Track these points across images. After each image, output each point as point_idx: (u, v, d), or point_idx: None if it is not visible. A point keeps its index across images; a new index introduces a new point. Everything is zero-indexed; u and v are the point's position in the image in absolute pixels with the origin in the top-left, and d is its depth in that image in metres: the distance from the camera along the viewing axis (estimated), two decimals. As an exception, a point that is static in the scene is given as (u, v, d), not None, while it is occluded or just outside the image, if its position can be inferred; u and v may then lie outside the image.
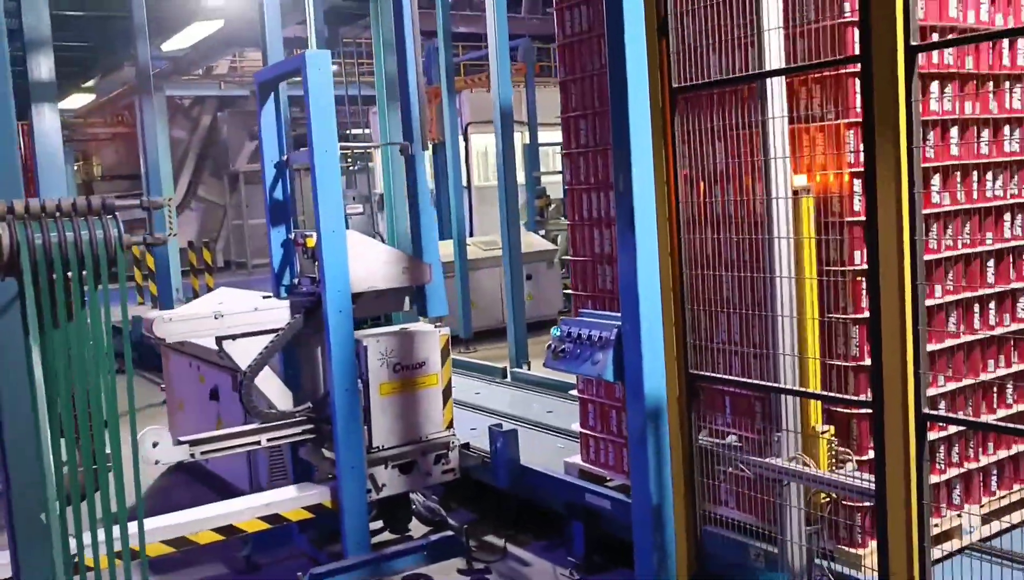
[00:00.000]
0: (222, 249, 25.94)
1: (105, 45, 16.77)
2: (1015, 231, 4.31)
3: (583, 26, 5.16)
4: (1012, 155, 4.30)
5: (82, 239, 2.82)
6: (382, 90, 11.93)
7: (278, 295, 5.67)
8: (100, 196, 3.00)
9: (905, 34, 2.94)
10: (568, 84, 5.26)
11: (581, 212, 5.28)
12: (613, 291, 5.03)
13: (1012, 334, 4.25)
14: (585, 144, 5.23)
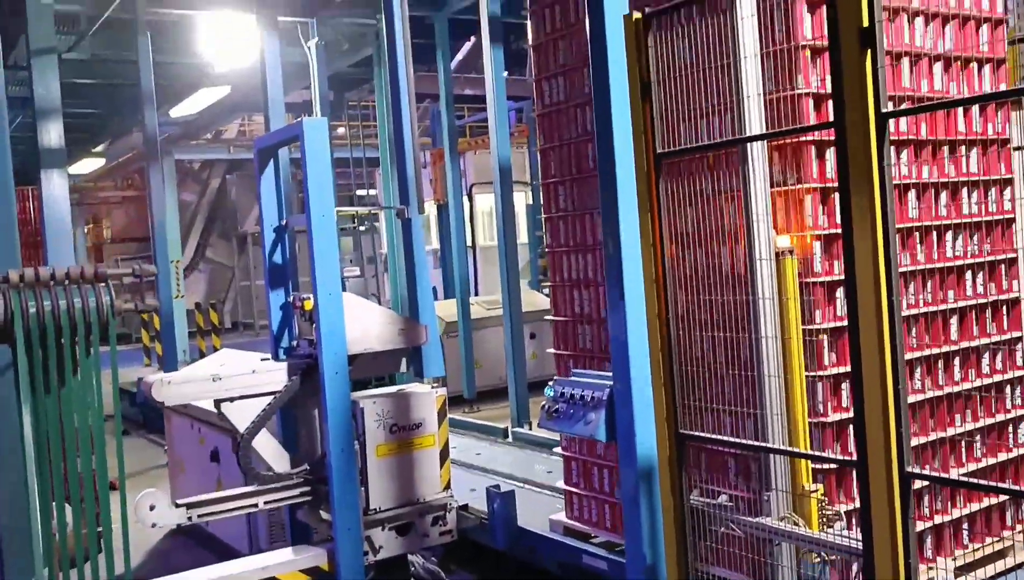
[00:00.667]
0: (229, 310, 26.08)
1: (114, 111, 17.11)
2: (976, 289, 4.42)
3: (560, 97, 5.40)
4: (971, 216, 4.43)
5: (75, 307, 2.90)
6: (386, 153, 12.19)
7: (276, 357, 5.73)
8: (93, 264, 3.08)
9: (876, 102, 3.03)
10: (547, 152, 5.48)
11: (561, 273, 5.46)
12: (594, 350, 5.15)
13: (977, 390, 4.34)
14: (564, 208, 5.42)
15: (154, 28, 11.16)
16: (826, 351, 3.90)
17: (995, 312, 4.58)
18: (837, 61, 3.13)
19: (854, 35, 3.09)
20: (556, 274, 5.50)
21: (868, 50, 3.06)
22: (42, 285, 2.84)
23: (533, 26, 5.63)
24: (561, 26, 5.40)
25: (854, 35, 3.09)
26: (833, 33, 3.14)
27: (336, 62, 12.91)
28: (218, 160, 25.23)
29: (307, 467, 5.36)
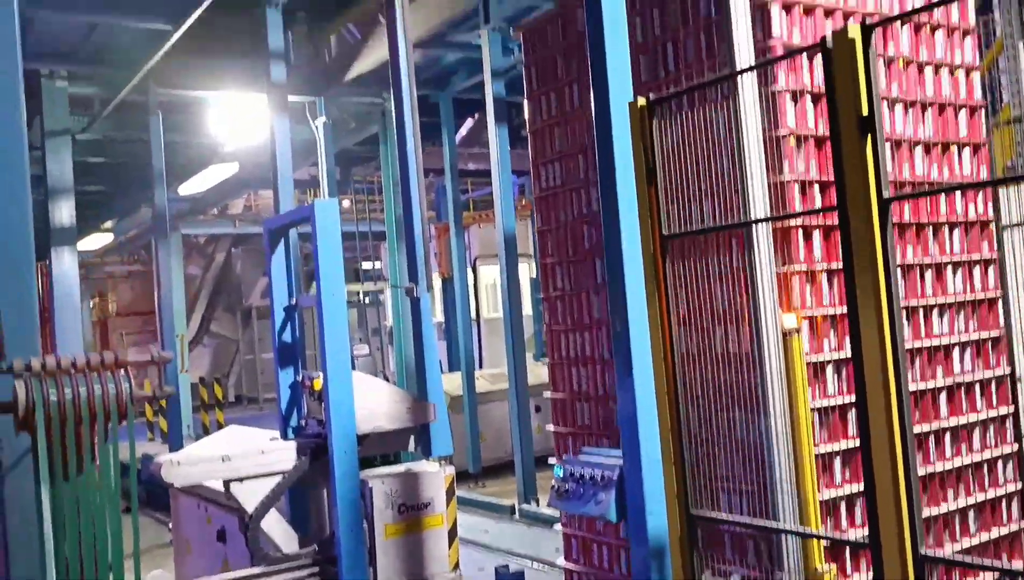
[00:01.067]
0: (233, 384, 26.04)
1: (124, 188, 17.35)
2: (964, 366, 4.50)
3: (556, 181, 5.59)
4: (956, 295, 4.54)
5: (95, 394, 2.94)
6: (392, 228, 12.33)
7: (285, 436, 5.74)
8: (113, 352, 3.13)
9: (878, 187, 3.11)
10: (545, 233, 5.63)
11: (560, 351, 5.57)
12: (592, 427, 5.22)
13: (968, 466, 4.38)
14: (562, 288, 5.56)
15: (165, 108, 11.40)
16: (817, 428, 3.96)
17: (983, 389, 4.68)
18: (838, 148, 3.22)
19: (854, 123, 3.18)
20: (554, 352, 5.63)
21: (868, 137, 3.15)
22: (63, 373, 2.90)
23: (530, 112, 5.83)
24: (557, 113, 5.61)
25: (854, 123, 3.18)
26: (833, 121, 3.23)
27: (343, 140, 13.15)
28: (224, 234, 25.47)
29: (315, 547, 5.33)
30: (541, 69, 5.75)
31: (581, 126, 5.38)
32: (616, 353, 4.27)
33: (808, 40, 4.43)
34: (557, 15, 5.61)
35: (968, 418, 4.54)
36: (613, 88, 4.22)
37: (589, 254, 5.32)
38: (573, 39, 5.42)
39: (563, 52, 5.55)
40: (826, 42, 3.26)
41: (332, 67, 11.12)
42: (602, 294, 5.24)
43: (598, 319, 5.28)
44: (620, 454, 4.37)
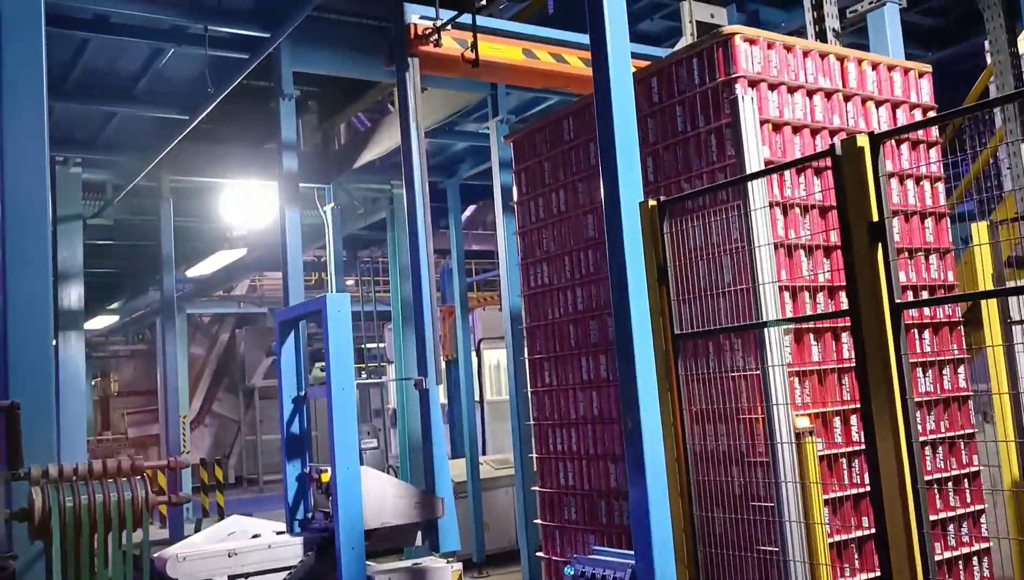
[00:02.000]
0: (234, 465, 25.79)
1: (132, 271, 17.47)
2: (937, 464, 4.63)
3: (544, 281, 5.83)
4: (928, 394, 4.76)
5: (111, 501, 2.94)
6: (397, 309, 12.36)
7: (291, 530, 5.68)
8: (129, 457, 3.13)
9: (889, 293, 3.15)
10: (533, 330, 5.83)
11: (547, 445, 5.70)
12: (578, 521, 5.35)
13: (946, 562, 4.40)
14: (549, 383, 5.71)
15: (176, 194, 11.57)
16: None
17: (956, 485, 4.75)
18: (849, 253, 3.27)
19: (864, 229, 3.23)
20: (541, 446, 5.80)
21: (879, 244, 3.20)
22: (80, 479, 2.90)
23: (519, 216, 6.04)
24: (545, 217, 5.81)
25: (864, 229, 3.23)
26: (844, 227, 3.29)
27: (350, 224, 13.29)
28: (228, 314, 25.53)
29: (318, 646, 5.23)
30: (529, 175, 6.03)
31: (567, 229, 5.63)
32: (628, 451, 4.25)
33: (778, 156, 4.63)
34: (544, 125, 5.90)
35: (940, 515, 4.67)
36: (624, 189, 4.28)
37: (575, 351, 5.46)
38: (559, 147, 5.71)
39: (549, 160, 5.81)
40: (835, 149, 3.33)
41: (341, 154, 11.32)
42: (587, 391, 5.37)
43: (583, 415, 5.39)
44: (632, 554, 4.31)
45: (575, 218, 5.61)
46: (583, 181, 5.58)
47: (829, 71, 4.91)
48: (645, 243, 4.04)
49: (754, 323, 3.82)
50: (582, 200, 5.58)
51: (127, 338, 28.63)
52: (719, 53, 4.63)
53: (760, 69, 4.65)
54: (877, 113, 5.11)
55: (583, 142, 5.59)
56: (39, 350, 3.39)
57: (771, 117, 4.63)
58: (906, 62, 5.38)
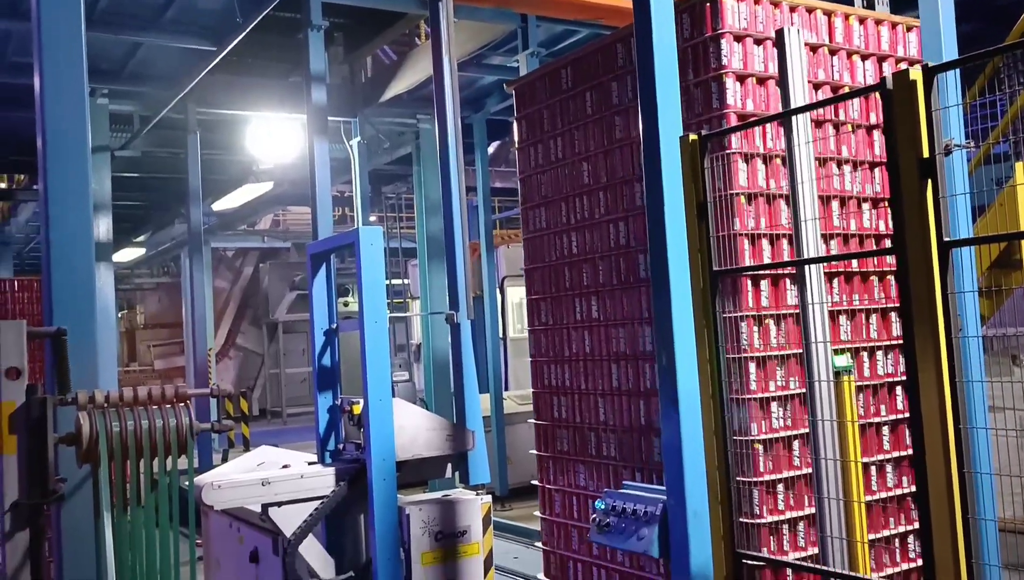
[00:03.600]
0: (258, 397, 26.15)
1: (159, 204, 17.52)
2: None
3: (542, 225, 5.95)
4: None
5: (156, 427, 2.97)
6: (423, 246, 12.37)
7: (323, 461, 5.75)
8: (174, 385, 3.16)
9: (938, 231, 3.09)
10: (531, 271, 6.06)
11: (542, 381, 5.93)
12: (570, 452, 5.65)
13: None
14: (545, 322, 5.90)
15: (203, 126, 11.53)
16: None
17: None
18: (897, 190, 3.20)
19: (914, 165, 3.17)
20: (538, 381, 5.97)
21: (929, 180, 3.13)
22: (126, 405, 2.93)
23: (520, 162, 6.11)
24: (544, 162, 5.90)
25: (914, 165, 3.17)
26: (893, 163, 3.22)
27: (375, 159, 13.23)
28: (252, 249, 25.66)
29: (352, 574, 5.33)
30: (530, 123, 6.11)
31: (565, 176, 5.75)
32: (662, 387, 4.25)
33: (762, 108, 4.70)
34: (545, 74, 5.93)
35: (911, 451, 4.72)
36: (663, 123, 4.21)
37: (569, 293, 5.71)
38: (558, 96, 5.80)
39: (549, 108, 5.88)
40: (886, 83, 3.24)
41: (367, 88, 11.21)
42: (580, 330, 5.52)
43: (576, 353, 5.53)
44: (663, 489, 4.34)
45: (572, 165, 5.68)
46: (579, 129, 5.63)
47: (816, 26, 4.94)
48: (685, 178, 3.98)
49: (794, 261, 3.77)
50: (578, 148, 5.64)
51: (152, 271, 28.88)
52: (707, 9, 4.71)
53: (746, 25, 4.75)
54: (863, 67, 5.06)
55: (581, 91, 5.64)
56: (82, 278, 3.41)
57: (756, 72, 4.72)
58: (894, 16, 5.32)
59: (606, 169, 5.38)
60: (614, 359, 5.28)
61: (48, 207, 3.49)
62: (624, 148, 5.24)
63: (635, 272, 5.11)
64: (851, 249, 4.66)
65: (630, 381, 5.15)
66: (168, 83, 9.94)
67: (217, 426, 3.36)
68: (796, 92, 3.79)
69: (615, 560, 5.13)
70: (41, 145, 3.68)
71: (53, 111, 3.65)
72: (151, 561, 3.01)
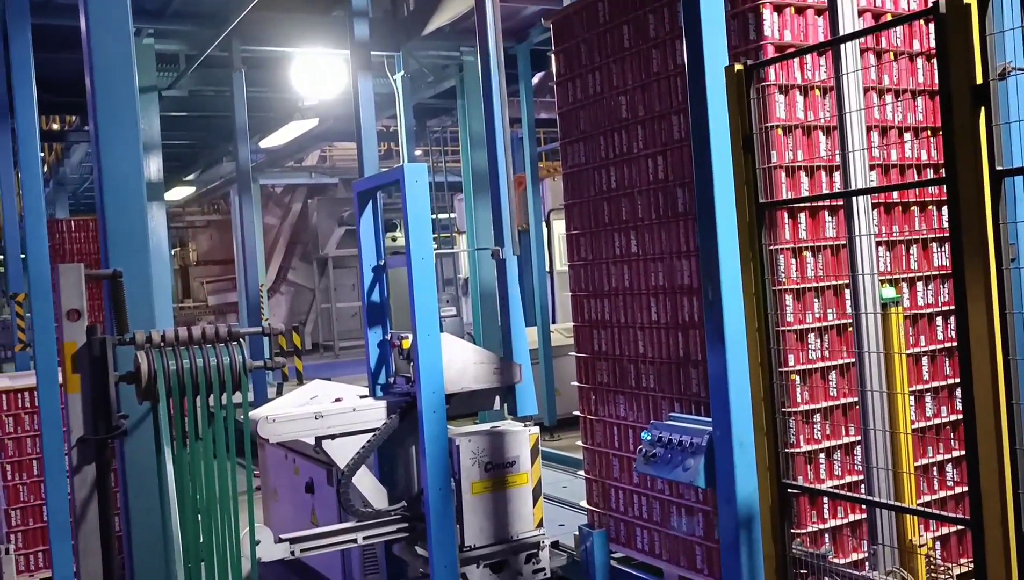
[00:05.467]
0: (310, 332, 26.62)
1: (207, 142, 17.70)
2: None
3: (581, 159, 5.87)
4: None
5: (211, 365, 3.07)
6: (468, 180, 12.37)
7: (374, 394, 5.88)
8: (227, 325, 3.25)
9: (990, 160, 3.02)
10: (571, 207, 6.02)
11: (583, 315, 5.89)
12: (609, 384, 5.66)
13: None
14: (584, 257, 5.86)
15: (247, 64, 11.56)
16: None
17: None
18: (949, 118, 3.13)
19: (967, 92, 3.08)
20: (578, 315, 5.93)
21: (982, 108, 3.05)
22: (181, 345, 3.02)
23: (559, 97, 6.04)
24: (583, 97, 5.86)
25: (967, 92, 3.08)
26: (945, 90, 3.14)
27: (419, 92, 13.17)
28: (300, 185, 25.86)
29: (404, 504, 5.48)
30: (568, 57, 6.05)
31: (603, 110, 5.71)
32: (708, 321, 4.25)
33: (800, 39, 4.53)
34: (582, 8, 5.84)
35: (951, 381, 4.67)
36: (708, 52, 4.13)
37: (608, 228, 5.65)
38: (595, 30, 5.73)
39: (586, 41, 5.79)
40: (939, 7, 3.15)
41: (410, 21, 11.12)
42: (619, 265, 5.51)
43: (615, 287, 5.54)
44: (709, 421, 4.38)
45: (609, 100, 5.60)
46: (616, 63, 5.54)
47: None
48: (731, 110, 3.92)
49: (843, 192, 3.72)
50: (616, 82, 5.55)
51: (203, 208, 29.27)
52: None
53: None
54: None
55: (617, 24, 5.53)
56: (135, 220, 3.49)
57: (794, 0, 4.56)
58: None
59: (644, 103, 5.31)
60: (652, 293, 5.28)
61: (99, 150, 3.56)
62: (661, 81, 5.16)
63: (673, 206, 5.07)
64: (891, 180, 4.57)
65: (668, 314, 5.15)
66: (212, 21, 9.96)
67: (270, 363, 3.46)
68: (845, 18, 3.69)
69: (655, 488, 5.21)
70: (90, 87, 3.74)
71: (100, 52, 3.70)
72: (210, 491, 3.14)
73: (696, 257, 4.86)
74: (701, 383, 4.95)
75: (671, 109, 5.11)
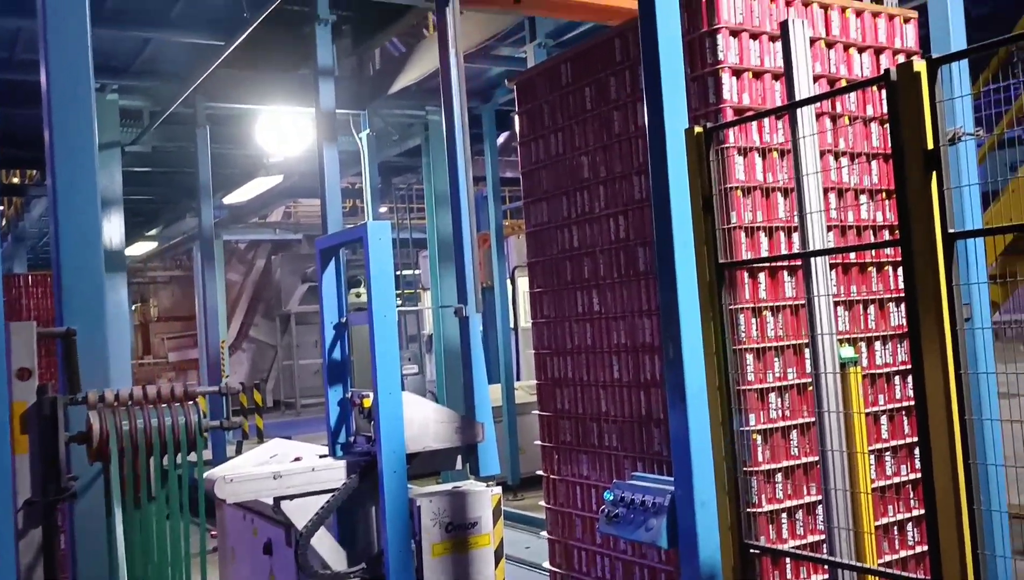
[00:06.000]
0: (272, 389, 26.29)
1: (170, 198, 17.60)
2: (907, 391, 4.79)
3: (544, 219, 5.99)
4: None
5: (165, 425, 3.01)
6: (433, 237, 12.41)
7: (333, 453, 5.79)
8: (183, 384, 3.20)
9: (943, 223, 3.09)
10: (534, 265, 6.11)
11: (546, 373, 5.96)
12: (572, 443, 5.67)
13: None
14: (548, 315, 5.94)
15: (212, 120, 11.57)
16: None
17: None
18: (902, 182, 3.20)
19: (919, 157, 3.16)
20: (541, 373, 5.99)
21: (934, 172, 3.13)
22: (135, 404, 2.96)
23: (522, 155, 6.19)
24: (546, 157, 5.95)
25: (919, 157, 3.16)
26: (898, 154, 3.21)
27: (385, 150, 13.25)
28: (263, 241, 25.76)
29: (364, 566, 5.37)
30: (531, 118, 6.17)
31: (565, 170, 5.81)
32: (669, 379, 4.26)
33: (758, 102, 4.70)
34: (545, 70, 5.96)
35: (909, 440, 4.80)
36: (668, 114, 4.21)
37: (570, 286, 5.74)
38: (558, 91, 5.84)
39: (549, 103, 5.92)
40: (890, 75, 3.24)
41: (376, 80, 11.22)
42: (581, 323, 5.56)
43: (578, 345, 5.59)
44: (671, 480, 4.36)
45: (571, 160, 5.70)
46: (579, 124, 5.64)
47: (812, 19, 4.91)
48: (691, 170, 3.98)
49: (800, 253, 3.77)
50: (578, 143, 5.65)
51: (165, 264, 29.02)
52: (702, 4, 4.74)
53: (742, 19, 4.75)
54: (860, 59, 5.04)
55: (579, 86, 5.65)
56: (91, 278, 3.45)
57: (752, 65, 4.72)
58: (891, 8, 5.31)
59: (605, 164, 5.40)
60: (614, 351, 5.31)
61: (57, 208, 3.53)
62: (623, 142, 5.26)
63: (634, 265, 5.13)
64: (849, 241, 4.66)
65: (630, 372, 5.18)
66: (177, 78, 9.98)
67: (227, 423, 3.40)
68: (801, 84, 3.78)
69: (618, 548, 5.17)
70: (48, 143, 3.72)
71: (60, 109, 3.68)
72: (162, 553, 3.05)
73: (657, 316, 4.90)
74: (663, 442, 4.94)
75: (632, 170, 5.18)
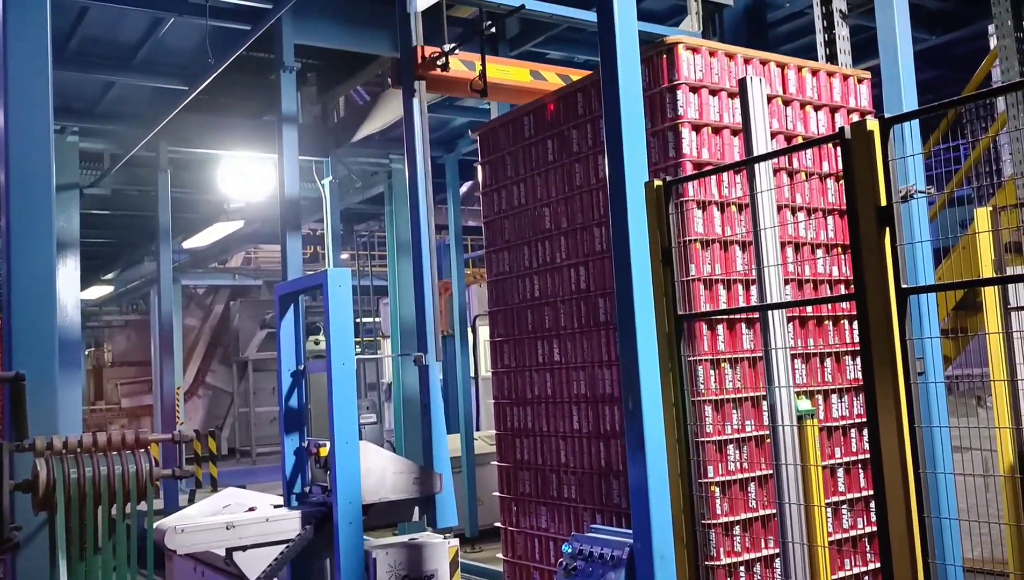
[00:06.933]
0: (227, 437, 25.84)
1: (128, 241, 17.39)
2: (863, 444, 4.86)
3: (505, 268, 6.08)
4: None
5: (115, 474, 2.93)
6: (394, 284, 12.36)
7: (288, 503, 5.69)
8: (135, 431, 3.13)
9: (896, 278, 3.15)
10: (495, 314, 6.11)
11: (505, 424, 5.97)
12: (531, 494, 5.68)
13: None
14: (508, 365, 5.99)
15: (174, 164, 11.50)
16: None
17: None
18: (856, 237, 3.26)
19: (872, 213, 3.23)
20: (500, 423, 6.02)
21: (887, 228, 3.19)
22: (84, 452, 2.89)
23: (484, 205, 6.24)
24: (507, 207, 5.99)
25: (872, 213, 3.23)
26: (852, 210, 3.28)
27: (347, 198, 13.24)
28: (223, 286, 25.49)
29: (317, 619, 5.26)
30: (494, 168, 6.23)
31: (527, 220, 5.86)
32: (629, 431, 4.26)
33: (716, 157, 4.83)
34: (508, 121, 6.04)
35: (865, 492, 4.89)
36: (629, 168, 4.27)
37: (531, 335, 5.79)
38: (521, 143, 5.93)
39: (512, 154, 6.00)
40: (845, 133, 3.31)
41: (340, 128, 11.25)
42: (541, 372, 5.57)
43: (538, 395, 5.61)
44: (630, 533, 4.33)
45: (533, 210, 5.76)
46: (541, 176, 5.72)
47: (770, 77, 5.07)
48: (650, 223, 4.03)
49: (759, 306, 3.82)
50: (540, 194, 5.72)
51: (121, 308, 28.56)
52: (663, 61, 4.81)
53: (702, 76, 4.89)
54: (816, 117, 5.20)
55: (541, 139, 5.74)
56: (43, 322, 3.38)
57: (711, 121, 4.86)
58: (846, 69, 5.54)
59: (566, 215, 5.45)
60: (574, 401, 5.31)
61: (11, 249, 3.46)
62: (584, 194, 5.32)
63: (595, 316, 5.16)
64: (806, 294, 4.74)
65: (590, 423, 5.18)
66: (140, 122, 9.92)
67: (179, 472, 3.33)
68: (759, 140, 3.86)
69: (579, 603, 5.10)
70: (4, 185, 3.66)
71: (17, 152, 3.64)
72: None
73: (618, 366, 4.92)
74: (622, 494, 4.93)
75: (593, 221, 5.23)
